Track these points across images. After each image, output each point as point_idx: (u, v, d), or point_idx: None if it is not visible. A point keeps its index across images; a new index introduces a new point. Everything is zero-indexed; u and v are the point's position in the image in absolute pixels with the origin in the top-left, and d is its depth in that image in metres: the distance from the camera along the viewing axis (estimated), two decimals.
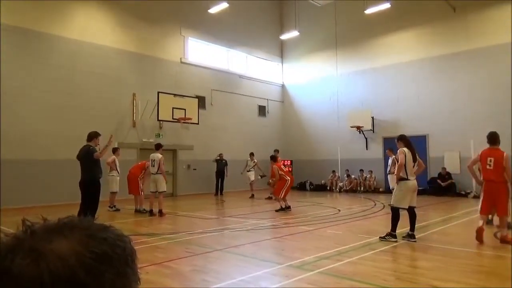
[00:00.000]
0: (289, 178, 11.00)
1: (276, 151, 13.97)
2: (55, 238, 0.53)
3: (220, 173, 15.86)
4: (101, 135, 7.83)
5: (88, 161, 7.24)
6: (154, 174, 10.01)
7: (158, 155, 10.06)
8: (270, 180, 11.88)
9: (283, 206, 10.73)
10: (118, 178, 11.11)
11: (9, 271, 0.49)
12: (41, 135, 12.16)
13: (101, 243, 0.54)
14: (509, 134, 11.54)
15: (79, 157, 7.46)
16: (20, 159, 11.66)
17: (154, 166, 10.05)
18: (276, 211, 10.67)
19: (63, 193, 11.80)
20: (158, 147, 10.36)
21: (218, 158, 15.97)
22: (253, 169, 15.35)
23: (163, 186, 10.02)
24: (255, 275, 4.63)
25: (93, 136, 7.53)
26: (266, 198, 14.11)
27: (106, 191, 10.85)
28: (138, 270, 0.59)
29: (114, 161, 11.05)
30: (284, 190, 10.79)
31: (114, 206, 11.07)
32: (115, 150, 11.24)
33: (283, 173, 11.07)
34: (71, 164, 8.98)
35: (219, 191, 15.77)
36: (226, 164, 15.83)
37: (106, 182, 10.89)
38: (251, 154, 15.63)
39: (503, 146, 7.13)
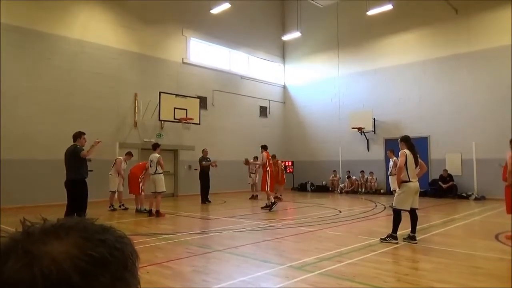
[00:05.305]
0: (269, 170, 11.04)
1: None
2: (51, 240, 0.51)
3: (205, 175, 13.31)
4: (85, 133, 7.70)
5: (74, 160, 7.25)
6: (153, 174, 9.99)
7: (156, 155, 10.03)
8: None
9: (269, 203, 10.70)
10: (118, 178, 11.13)
11: (1, 274, 0.47)
12: (42, 135, 12.16)
13: (97, 246, 0.52)
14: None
15: (65, 157, 7.44)
16: (20, 159, 11.66)
17: (152, 166, 10.03)
18: (262, 208, 10.76)
19: (63, 192, 11.73)
20: (155, 147, 10.28)
21: (201, 156, 13.51)
22: (256, 171, 15.06)
23: (162, 187, 9.97)
24: (255, 276, 4.62)
25: (77, 136, 7.54)
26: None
27: (105, 191, 10.93)
28: (139, 272, 0.57)
29: (120, 163, 11.08)
30: (268, 183, 10.83)
31: (120, 205, 11.17)
32: (127, 153, 11.48)
33: (267, 163, 11.16)
34: None
35: (206, 198, 13.27)
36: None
37: (107, 181, 11.07)
38: (255, 158, 15.45)
39: (505, 147, 7.11)
